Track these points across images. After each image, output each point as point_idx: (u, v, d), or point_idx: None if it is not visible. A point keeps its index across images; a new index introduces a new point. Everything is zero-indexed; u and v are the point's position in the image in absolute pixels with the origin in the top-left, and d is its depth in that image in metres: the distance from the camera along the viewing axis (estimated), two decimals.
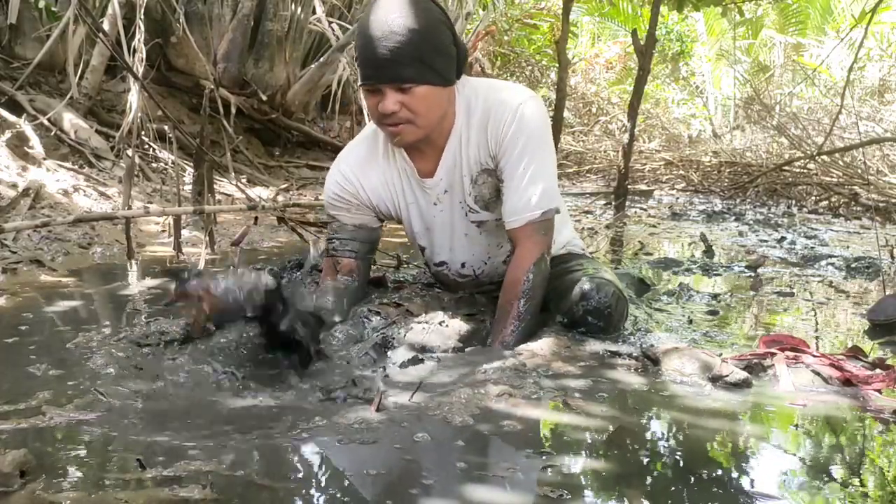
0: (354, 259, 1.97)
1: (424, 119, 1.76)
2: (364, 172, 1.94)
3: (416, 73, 1.70)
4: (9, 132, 3.82)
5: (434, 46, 1.71)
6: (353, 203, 1.95)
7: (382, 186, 1.94)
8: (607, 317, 1.91)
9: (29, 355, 1.64)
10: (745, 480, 1.19)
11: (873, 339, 2.20)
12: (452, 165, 1.88)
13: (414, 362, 1.66)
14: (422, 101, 1.73)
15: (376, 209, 1.97)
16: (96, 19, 4.55)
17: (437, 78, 1.73)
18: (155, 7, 5.09)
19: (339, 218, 1.98)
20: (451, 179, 1.90)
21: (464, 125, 1.85)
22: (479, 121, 1.83)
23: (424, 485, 1.11)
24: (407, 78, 1.69)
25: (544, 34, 10.99)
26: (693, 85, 13.05)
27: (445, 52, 1.74)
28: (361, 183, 1.94)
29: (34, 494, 1.04)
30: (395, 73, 1.68)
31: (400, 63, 1.67)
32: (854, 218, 5.60)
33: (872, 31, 9.16)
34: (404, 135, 1.78)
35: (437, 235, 2.00)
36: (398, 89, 1.70)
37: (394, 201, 1.96)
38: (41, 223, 2.77)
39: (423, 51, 1.69)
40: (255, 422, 1.31)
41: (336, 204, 1.97)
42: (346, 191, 1.94)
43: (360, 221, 1.97)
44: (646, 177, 8.25)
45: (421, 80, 1.71)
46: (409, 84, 1.70)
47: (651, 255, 3.67)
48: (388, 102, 1.71)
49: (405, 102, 1.72)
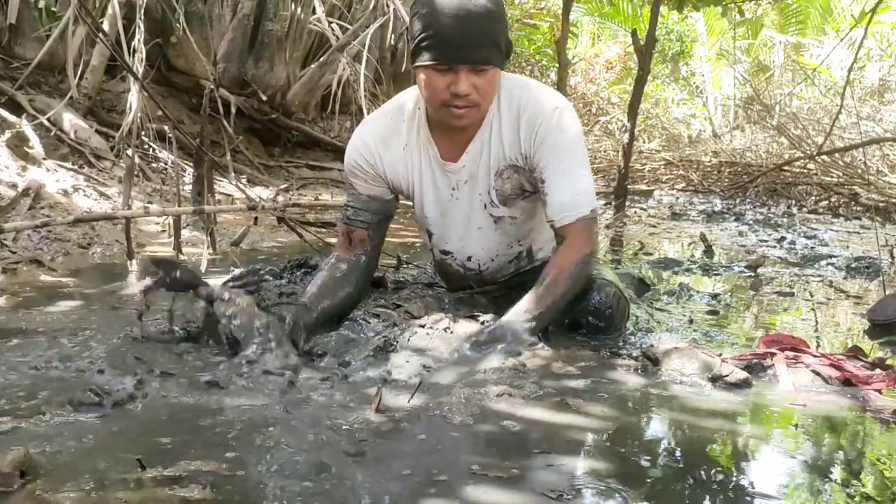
0: (366, 229, 1.95)
1: (488, 102, 1.76)
2: (385, 145, 1.91)
3: (492, 55, 1.70)
4: (9, 132, 3.82)
5: (504, 27, 1.73)
6: (370, 173, 1.93)
7: (401, 162, 1.92)
8: (608, 318, 1.91)
9: (29, 355, 1.64)
10: (745, 480, 1.19)
11: (873, 339, 2.20)
12: (478, 154, 1.86)
13: (416, 366, 1.65)
14: (491, 84, 1.74)
15: (391, 183, 1.95)
16: (96, 19, 4.55)
17: (502, 61, 1.74)
18: (155, 7, 5.09)
19: (355, 186, 1.95)
20: (475, 169, 1.88)
21: (496, 116, 1.84)
22: (513, 115, 1.82)
23: (425, 485, 1.11)
24: (485, 60, 1.69)
25: (544, 34, 10.98)
26: (693, 85, 13.06)
27: (508, 38, 1.76)
28: (381, 154, 1.91)
29: (34, 494, 1.04)
30: (475, 54, 1.68)
31: (479, 45, 1.67)
32: (854, 218, 5.60)
33: (872, 31, 9.15)
34: (469, 117, 1.77)
35: (450, 224, 1.98)
36: (474, 71, 1.70)
37: (409, 179, 1.94)
38: (41, 223, 2.77)
39: (497, 32, 1.69)
40: (255, 422, 1.31)
41: (354, 171, 1.94)
42: (365, 160, 1.91)
43: (374, 192, 1.95)
44: (646, 177, 8.25)
45: (493, 63, 1.71)
46: (485, 67, 1.70)
47: (651, 255, 3.67)
48: (463, 84, 1.69)
49: (478, 85, 1.71)
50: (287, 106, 6.06)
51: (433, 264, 2.26)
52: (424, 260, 2.78)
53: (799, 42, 12.46)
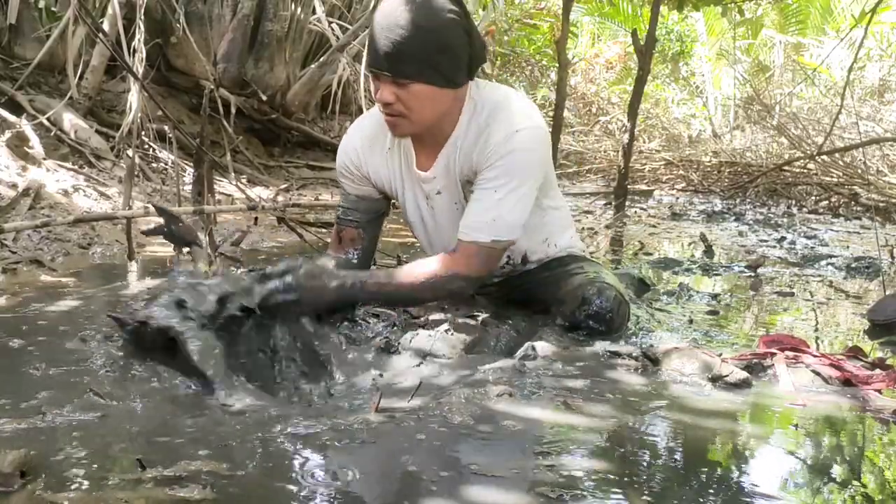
0: (356, 228, 1.98)
1: (418, 116, 1.75)
2: (371, 148, 1.94)
3: (415, 70, 1.69)
4: (9, 132, 3.82)
5: (439, 46, 1.68)
6: (356, 174, 1.96)
7: (383, 166, 1.95)
8: (608, 321, 1.91)
9: (29, 355, 1.64)
10: (745, 480, 1.19)
11: (873, 339, 2.20)
12: (445, 167, 1.87)
13: (417, 366, 1.65)
14: (416, 99, 1.72)
15: (377, 186, 1.98)
16: (96, 19, 4.55)
17: (438, 78, 1.71)
18: (155, 7, 5.09)
19: (344, 186, 2.00)
20: (446, 181, 1.89)
21: (463, 132, 1.83)
22: (476, 133, 1.81)
23: (425, 485, 1.11)
24: (404, 73, 1.69)
25: (544, 34, 10.99)
26: (693, 85, 13.05)
27: (452, 54, 1.71)
28: (366, 159, 1.94)
29: (34, 494, 1.04)
30: (393, 66, 1.68)
31: (399, 58, 1.67)
32: (854, 218, 5.61)
33: (872, 31, 9.15)
34: (398, 127, 1.78)
35: (431, 232, 1.99)
36: (394, 82, 1.70)
37: (391, 183, 1.96)
38: (41, 223, 2.77)
39: (426, 50, 1.67)
40: (256, 422, 1.31)
41: (342, 171, 1.98)
42: (352, 161, 1.95)
43: (361, 192, 1.98)
44: (646, 177, 8.25)
45: (418, 79, 1.70)
46: (405, 80, 1.70)
47: (651, 255, 3.67)
48: (384, 93, 1.72)
49: (401, 96, 1.71)
50: (287, 106, 6.06)
51: None
52: None
53: (799, 42, 12.46)
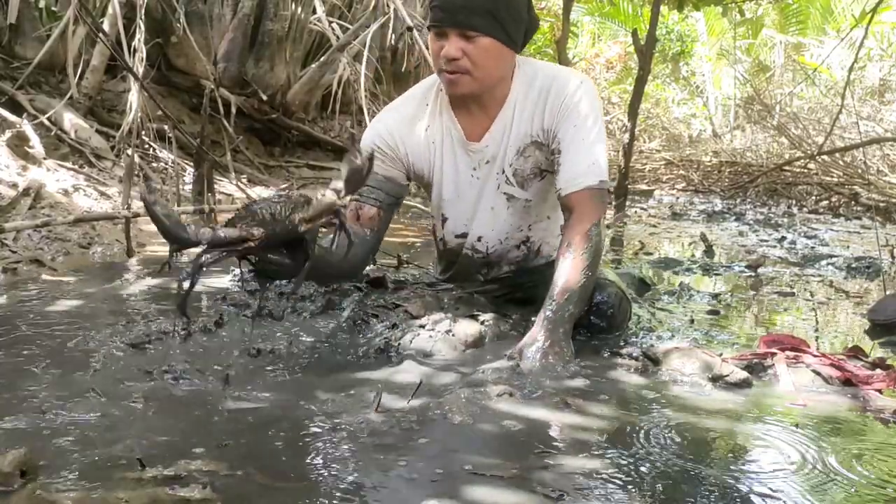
0: (378, 208, 1.93)
1: (483, 72, 1.76)
2: (409, 129, 1.93)
3: (486, 23, 1.71)
4: (9, 132, 3.82)
5: (509, 3, 1.74)
6: (389, 156, 1.93)
7: (425, 145, 1.93)
8: (610, 317, 1.91)
9: (29, 355, 1.64)
10: (745, 480, 1.19)
11: (873, 339, 2.20)
12: (501, 134, 1.88)
13: (417, 366, 1.65)
14: (484, 53, 1.74)
15: (411, 167, 1.96)
16: (96, 19, 4.55)
17: (503, 35, 1.75)
18: (155, 7, 5.09)
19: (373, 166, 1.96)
20: (497, 148, 1.90)
21: (520, 96, 1.86)
22: (538, 94, 1.85)
23: (425, 484, 1.11)
24: (475, 26, 1.71)
25: (544, 34, 10.98)
26: (693, 85, 13.06)
27: (517, 15, 1.77)
28: (404, 139, 1.93)
29: (34, 494, 1.04)
30: (465, 19, 1.70)
31: (471, 10, 1.70)
32: (854, 218, 5.61)
33: (872, 31, 9.15)
34: (461, 84, 1.78)
35: (463, 202, 1.98)
36: (463, 36, 1.72)
37: (431, 161, 1.95)
38: (41, 223, 2.77)
39: (496, 4, 1.71)
40: (256, 421, 1.31)
41: (374, 152, 1.93)
42: (386, 143, 1.92)
43: (390, 174, 1.94)
44: (646, 177, 8.25)
45: (487, 32, 1.72)
46: (474, 33, 1.72)
47: (651, 254, 3.67)
48: (451, 47, 1.72)
49: (468, 51, 1.73)
50: (287, 106, 6.06)
51: (437, 259, 2.25)
52: (424, 260, 2.78)
53: (799, 42, 12.46)
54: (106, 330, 1.83)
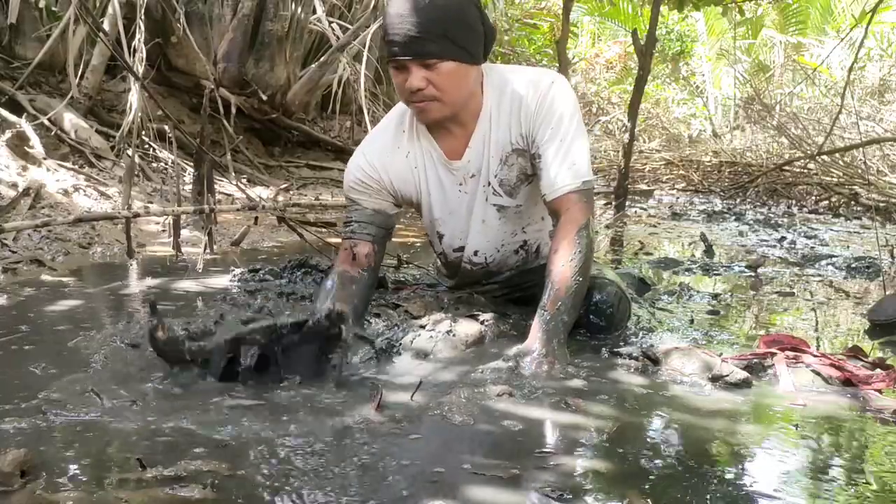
0: (371, 243, 1.93)
1: (450, 96, 1.75)
2: (390, 158, 1.92)
3: (442, 48, 1.69)
4: (9, 132, 3.82)
5: (460, 22, 1.71)
6: (374, 188, 1.93)
7: (408, 170, 1.93)
8: (609, 316, 1.92)
9: (29, 355, 1.64)
10: (745, 480, 1.19)
11: (873, 339, 2.20)
12: (481, 147, 1.87)
13: (417, 366, 1.65)
14: (447, 78, 1.72)
15: (398, 194, 1.95)
16: (96, 19, 4.55)
17: (463, 54, 1.73)
18: (155, 7, 5.09)
19: (358, 201, 1.95)
20: (479, 162, 1.89)
21: (494, 106, 1.85)
22: (511, 101, 1.83)
23: (425, 484, 1.11)
24: (432, 53, 1.69)
25: (544, 34, 10.98)
26: (693, 85, 13.06)
27: (471, 28, 1.74)
28: (386, 169, 1.92)
29: (34, 494, 1.04)
30: (421, 48, 1.68)
31: (425, 39, 1.67)
32: (854, 218, 5.61)
33: (872, 31, 9.16)
34: (431, 112, 1.77)
35: (455, 218, 1.98)
36: (423, 65, 1.70)
37: (416, 186, 1.95)
38: (41, 223, 2.77)
39: (448, 26, 1.68)
40: (256, 421, 1.31)
41: (357, 188, 1.94)
42: (370, 176, 1.92)
43: (378, 206, 1.95)
44: (646, 177, 8.25)
45: (447, 56, 1.70)
46: (434, 60, 1.70)
47: (651, 254, 3.67)
48: (414, 79, 1.70)
49: (431, 79, 1.71)
50: (287, 106, 6.06)
51: (436, 265, 2.26)
52: (424, 260, 2.78)
53: (799, 42, 12.46)
54: (106, 330, 1.83)
